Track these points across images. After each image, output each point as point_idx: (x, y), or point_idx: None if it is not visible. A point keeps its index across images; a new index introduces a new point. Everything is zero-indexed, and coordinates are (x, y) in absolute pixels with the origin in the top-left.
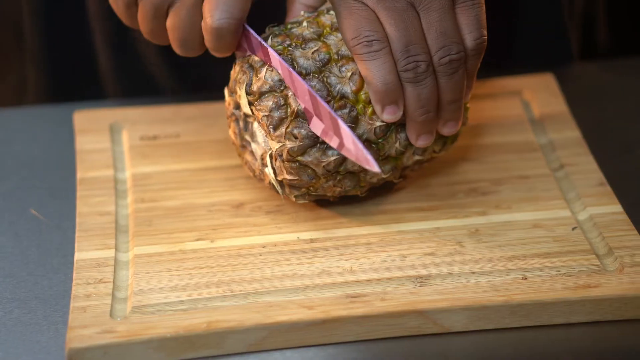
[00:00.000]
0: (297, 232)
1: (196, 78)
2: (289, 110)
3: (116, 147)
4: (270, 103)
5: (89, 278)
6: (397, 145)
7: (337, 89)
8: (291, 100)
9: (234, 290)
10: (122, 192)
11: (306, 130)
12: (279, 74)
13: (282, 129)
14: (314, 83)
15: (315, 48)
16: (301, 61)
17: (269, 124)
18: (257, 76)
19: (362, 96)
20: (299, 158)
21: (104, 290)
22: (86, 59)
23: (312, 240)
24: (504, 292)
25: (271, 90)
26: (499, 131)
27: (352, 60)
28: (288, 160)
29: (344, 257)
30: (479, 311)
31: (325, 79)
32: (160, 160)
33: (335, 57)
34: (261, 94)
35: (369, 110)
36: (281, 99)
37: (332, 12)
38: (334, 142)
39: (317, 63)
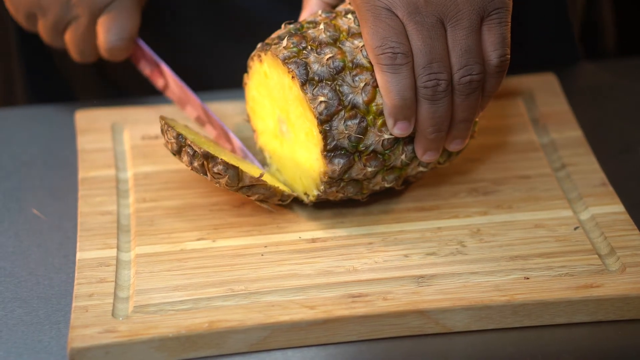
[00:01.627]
0: (299, 232)
1: (196, 78)
2: None
3: (117, 147)
4: None
5: (90, 277)
6: (403, 157)
7: (349, 98)
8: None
9: (236, 290)
10: (123, 191)
11: None
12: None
13: None
14: (325, 91)
15: (331, 54)
16: (315, 67)
17: None
18: None
19: (374, 108)
20: None
21: (106, 289)
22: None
23: (313, 240)
24: (506, 292)
25: None
26: (501, 131)
27: (367, 69)
28: None
29: (345, 256)
30: (480, 311)
31: (337, 87)
32: (162, 159)
33: (350, 65)
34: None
35: (379, 122)
36: None
37: (350, 15)
38: (227, 147)
39: (331, 70)
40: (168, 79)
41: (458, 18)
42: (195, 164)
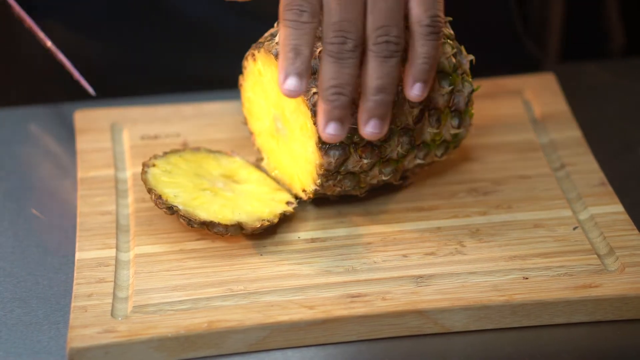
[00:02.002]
0: (298, 232)
1: (196, 77)
2: None
3: (117, 147)
4: None
5: (90, 277)
6: (399, 148)
7: None
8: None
9: (235, 290)
10: (122, 191)
11: None
12: None
13: None
14: None
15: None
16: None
17: None
18: None
19: None
20: None
21: (105, 289)
22: (87, 59)
23: (312, 240)
24: (505, 292)
25: None
26: (500, 131)
27: None
28: None
29: (344, 256)
30: (479, 311)
31: None
32: None
33: None
34: None
35: None
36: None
37: None
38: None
39: None
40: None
41: None
42: (195, 225)
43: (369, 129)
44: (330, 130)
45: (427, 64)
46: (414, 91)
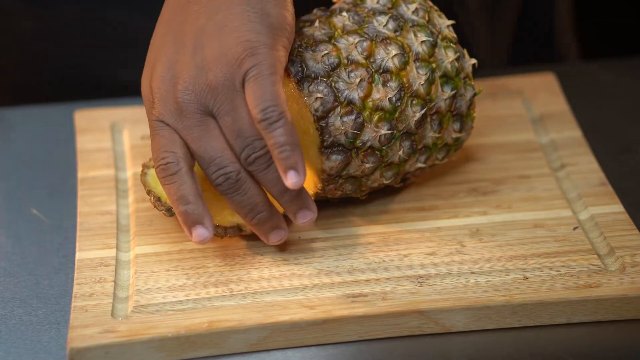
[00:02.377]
0: (298, 232)
1: None
2: None
3: (117, 147)
4: None
5: (90, 277)
6: (400, 152)
7: (344, 94)
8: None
9: (235, 290)
10: (123, 191)
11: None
12: None
13: None
14: (321, 87)
15: (326, 51)
16: (311, 64)
17: None
18: None
19: (370, 103)
20: None
21: (105, 289)
22: (87, 59)
23: (313, 240)
24: (505, 292)
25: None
26: (500, 131)
27: (362, 66)
28: None
29: (345, 256)
30: (480, 311)
31: (333, 84)
32: None
33: (345, 61)
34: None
35: (375, 117)
36: None
37: (344, 13)
38: None
39: (326, 67)
40: None
41: (220, 102)
42: None
43: (302, 220)
44: (275, 237)
45: (285, 151)
46: (290, 180)
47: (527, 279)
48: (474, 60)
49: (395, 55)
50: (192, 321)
